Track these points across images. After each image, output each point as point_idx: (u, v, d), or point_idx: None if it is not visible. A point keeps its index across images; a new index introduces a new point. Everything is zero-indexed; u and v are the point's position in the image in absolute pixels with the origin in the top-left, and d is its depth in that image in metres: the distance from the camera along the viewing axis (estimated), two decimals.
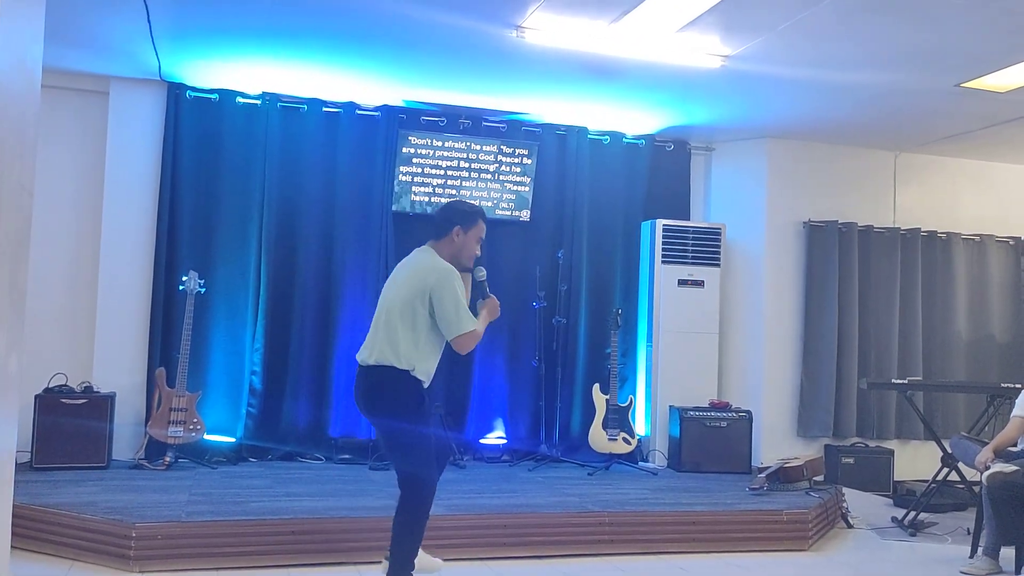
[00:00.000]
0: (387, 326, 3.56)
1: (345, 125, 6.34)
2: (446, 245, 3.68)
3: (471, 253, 3.71)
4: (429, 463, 3.57)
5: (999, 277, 7.51)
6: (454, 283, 3.54)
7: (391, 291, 3.66)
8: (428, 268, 3.59)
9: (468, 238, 3.69)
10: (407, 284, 3.59)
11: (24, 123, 1.88)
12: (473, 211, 3.75)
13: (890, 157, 7.37)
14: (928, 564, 4.71)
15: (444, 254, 3.66)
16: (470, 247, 3.70)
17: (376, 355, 3.56)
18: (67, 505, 4.34)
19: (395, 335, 3.53)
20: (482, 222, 3.75)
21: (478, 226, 3.72)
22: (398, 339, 3.53)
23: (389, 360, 3.52)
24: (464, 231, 3.68)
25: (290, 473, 5.61)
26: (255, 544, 4.16)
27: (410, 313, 3.53)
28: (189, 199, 6.08)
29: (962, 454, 5.02)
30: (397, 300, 3.58)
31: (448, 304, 3.50)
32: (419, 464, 3.54)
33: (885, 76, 5.48)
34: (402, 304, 3.56)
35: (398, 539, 3.54)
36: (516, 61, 5.39)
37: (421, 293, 3.53)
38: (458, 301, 3.52)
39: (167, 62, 5.71)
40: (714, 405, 6.50)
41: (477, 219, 3.72)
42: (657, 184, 7.03)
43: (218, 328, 6.11)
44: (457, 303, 3.52)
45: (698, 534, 4.78)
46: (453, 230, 3.68)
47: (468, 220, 3.69)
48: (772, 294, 7.03)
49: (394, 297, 3.61)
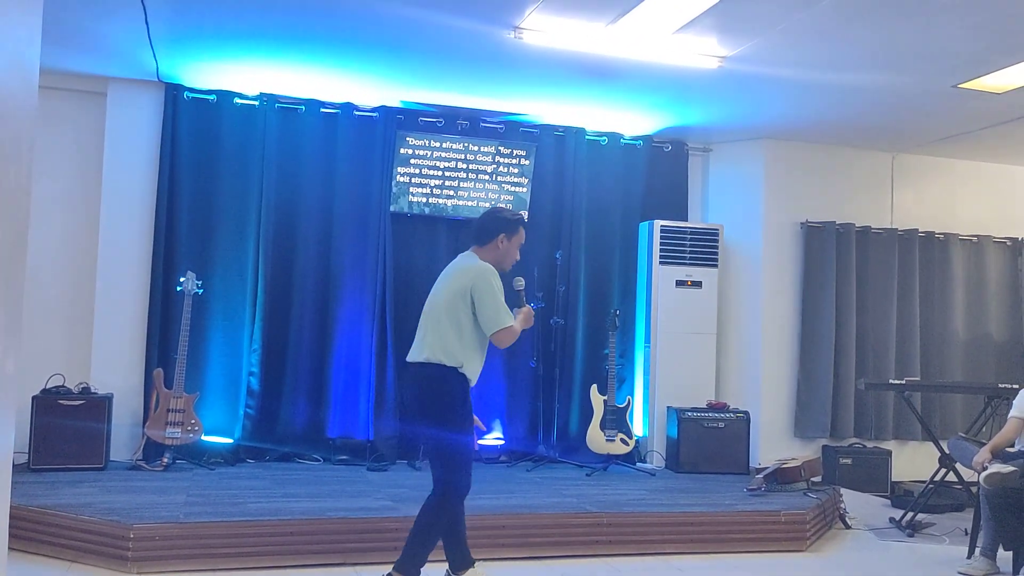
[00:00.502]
0: (435, 326, 3.68)
1: (343, 126, 6.34)
2: (490, 251, 3.80)
3: (513, 259, 3.86)
4: (465, 470, 3.64)
5: (996, 278, 7.52)
6: (492, 281, 3.66)
7: (437, 293, 3.78)
8: (468, 268, 3.72)
9: (511, 245, 3.83)
10: (451, 285, 3.71)
11: (21, 123, 1.88)
12: (516, 219, 3.87)
13: (887, 158, 7.38)
14: (926, 565, 4.71)
15: (487, 259, 3.78)
16: (512, 254, 3.84)
17: (426, 352, 3.66)
18: (65, 506, 4.33)
19: (443, 334, 3.64)
20: (523, 230, 3.88)
21: (520, 234, 3.85)
22: (446, 338, 3.63)
23: (438, 358, 3.62)
24: (508, 239, 3.81)
25: (288, 474, 5.61)
26: (253, 545, 4.16)
27: (455, 312, 3.64)
28: (187, 200, 6.08)
29: (960, 455, 5.02)
30: (443, 300, 3.70)
31: (487, 301, 3.62)
32: (455, 469, 3.62)
33: (882, 77, 5.49)
34: (447, 304, 3.67)
35: (414, 537, 3.59)
36: (514, 62, 5.40)
37: (463, 292, 3.64)
38: (496, 298, 3.64)
39: (165, 63, 5.71)
40: (712, 406, 6.51)
41: (519, 227, 3.86)
42: (655, 185, 7.03)
43: (216, 329, 6.10)
44: (496, 300, 3.63)
45: (696, 535, 4.78)
46: (498, 237, 3.80)
47: (512, 228, 3.82)
48: (770, 295, 7.03)
49: (440, 298, 3.73)
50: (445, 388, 3.62)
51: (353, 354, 6.29)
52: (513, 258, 3.85)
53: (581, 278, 6.79)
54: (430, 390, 3.66)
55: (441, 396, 3.63)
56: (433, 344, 3.64)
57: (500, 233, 3.79)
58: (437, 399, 3.64)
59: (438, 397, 3.64)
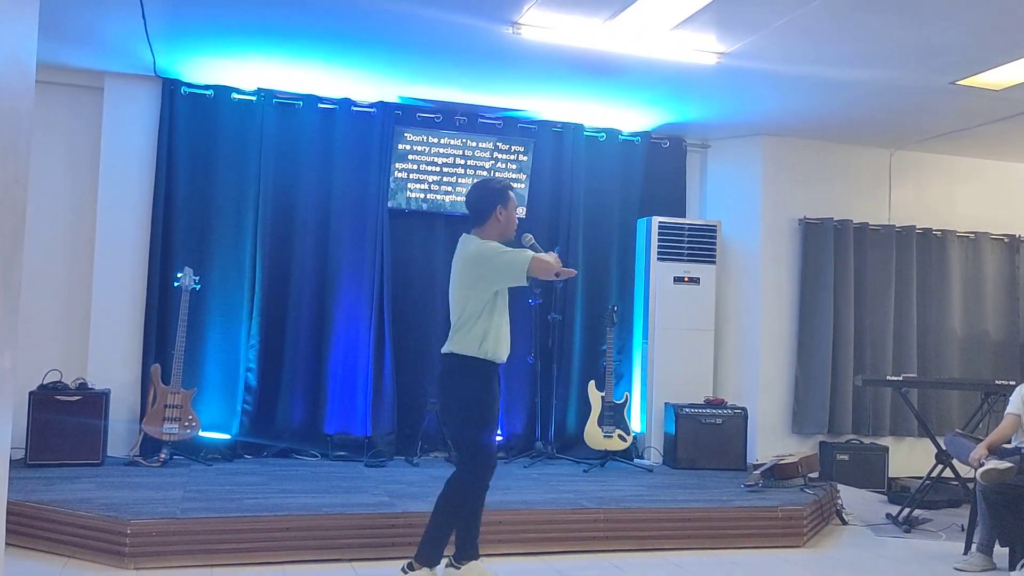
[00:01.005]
0: (454, 319, 3.77)
1: (341, 122, 6.33)
2: (492, 227, 3.82)
3: (514, 224, 3.87)
4: (483, 461, 3.69)
5: (994, 274, 7.53)
6: (492, 249, 3.72)
7: (452, 287, 3.84)
8: (471, 256, 3.76)
9: (509, 212, 3.85)
10: (460, 278, 3.78)
11: (18, 118, 1.88)
12: (504, 186, 3.90)
13: (885, 154, 7.38)
14: (922, 560, 4.72)
15: (492, 234, 3.81)
16: (513, 219, 3.88)
17: (448, 344, 3.77)
18: (62, 502, 4.33)
19: (457, 324, 3.74)
20: (512, 194, 3.90)
21: (512, 199, 3.88)
22: (460, 327, 3.72)
23: (453, 348, 3.72)
24: (505, 207, 3.83)
25: (285, 470, 5.61)
26: (250, 540, 4.15)
27: (465, 300, 3.72)
28: (184, 195, 6.07)
29: (956, 451, 5.03)
30: (456, 294, 3.79)
31: (497, 259, 3.70)
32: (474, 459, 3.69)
33: (880, 73, 5.49)
34: (459, 295, 3.76)
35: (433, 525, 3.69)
36: (512, 58, 5.39)
37: (471, 280, 3.72)
38: (504, 251, 3.71)
39: (162, 58, 5.69)
40: (709, 402, 6.51)
41: (508, 192, 3.88)
42: (653, 181, 7.03)
43: (213, 325, 6.10)
44: (504, 252, 3.70)
45: (693, 531, 4.79)
46: (495, 211, 3.82)
47: (504, 196, 3.85)
48: (767, 291, 7.03)
49: (454, 293, 3.81)
50: (462, 378, 3.72)
51: (351, 350, 6.29)
52: (515, 223, 3.87)
53: (579, 274, 6.79)
54: (449, 380, 3.78)
55: (460, 385, 3.73)
56: (452, 336, 3.75)
57: (496, 206, 3.81)
58: (457, 388, 3.74)
59: (457, 386, 3.74)
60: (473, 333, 3.69)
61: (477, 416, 3.69)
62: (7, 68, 1.76)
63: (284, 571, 4.04)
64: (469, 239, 3.83)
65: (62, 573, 3.88)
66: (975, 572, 4.49)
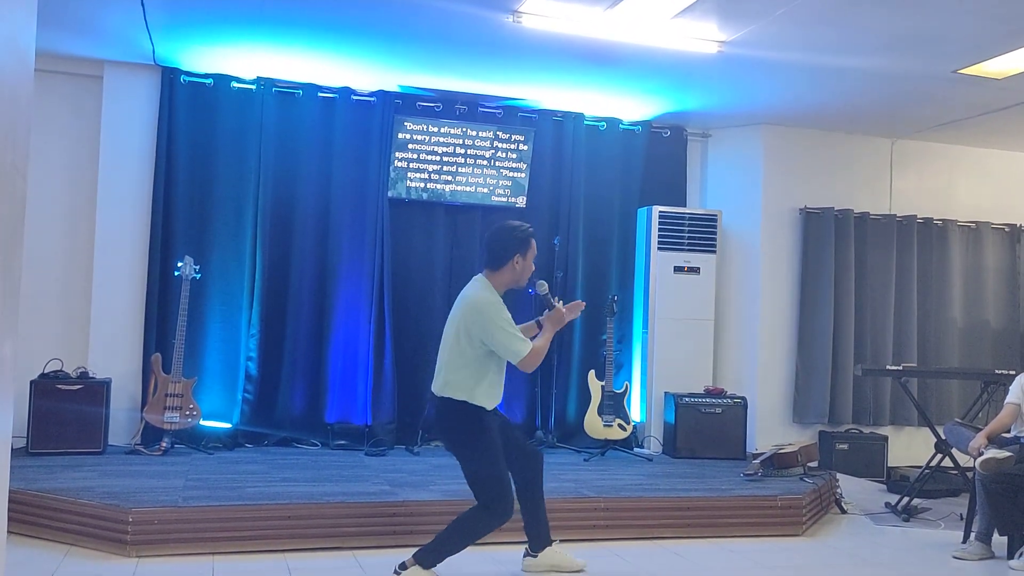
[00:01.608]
0: (446, 357, 3.75)
1: (340, 110, 6.32)
2: (505, 273, 3.78)
3: (528, 272, 3.82)
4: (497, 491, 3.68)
5: (994, 264, 7.53)
6: (494, 316, 3.66)
7: (449, 322, 3.82)
8: (471, 306, 3.70)
9: (527, 262, 3.80)
10: (456, 319, 3.75)
11: (17, 106, 1.87)
12: (527, 234, 3.83)
13: (887, 144, 7.37)
14: (921, 549, 4.74)
15: (504, 281, 3.78)
16: (529, 269, 3.82)
17: (439, 384, 3.76)
18: (64, 490, 4.35)
19: (450, 366, 3.71)
20: (534, 242, 3.83)
21: (532, 247, 3.83)
22: (453, 371, 3.70)
23: (448, 392, 3.70)
24: (523, 256, 3.79)
25: (286, 459, 5.62)
26: (251, 529, 4.17)
27: (458, 344, 3.70)
28: (184, 184, 6.07)
29: (956, 440, 5.04)
30: (450, 334, 3.76)
31: (499, 338, 3.65)
32: (487, 492, 3.69)
33: (882, 62, 5.47)
34: (453, 338, 3.74)
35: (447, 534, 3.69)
36: (513, 46, 5.37)
37: (467, 330, 3.68)
38: (504, 330, 3.65)
39: (161, 46, 5.68)
40: (709, 392, 6.52)
41: (531, 241, 3.82)
42: (653, 170, 7.02)
43: (214, 314, 6.10)
44: (504, 332, 3.65)
45: (693, 519, 4.80)
46: (513, 259, 3.77)
47: (525, 245, 3.80)
48: (768, 281, 7.03)
49: (448, 328, 3.79)
50: (456, 421, 3.72)
51: (351, 339, 6.30)
52: (530, 273, 3.83)
53: (579, 264, 6.79)
54: (445, 421, 3.78)
55: (455, 428, 3.75)
56: (444, 377, 3.72)
57: (515, 254, 3.77)
58: (452, 431, 3.79)
59: (452, 429, 3.78)
60: (464, 380, 3.68)
61: (479, 453, 3.70)
62: (6, 56, 1.76)
63: (285, 559, 4.06)
64: (479, 281, 3.79)
65: (64, 561, 3.89)
66: (974, 560, 4.51)
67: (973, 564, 4.48)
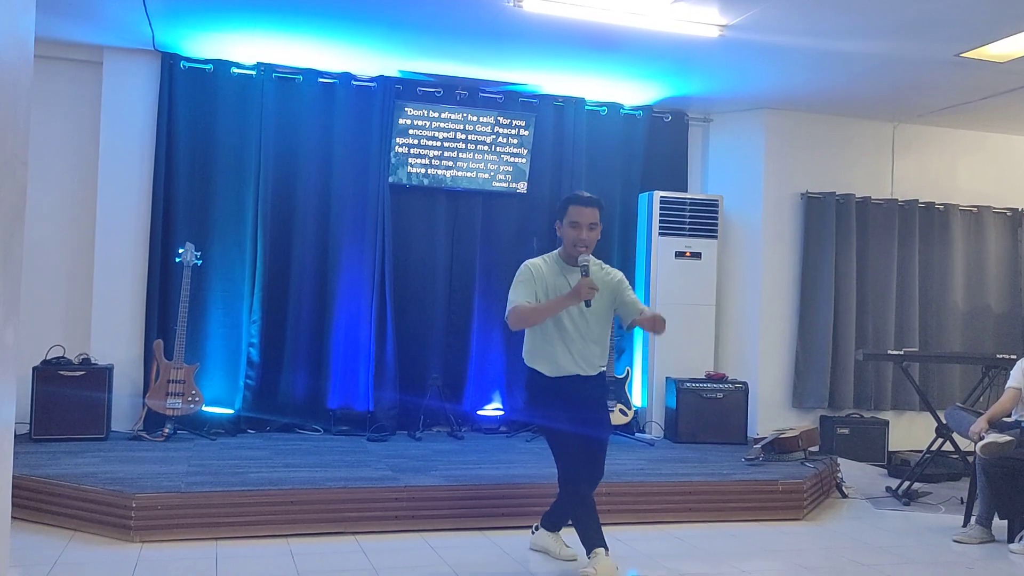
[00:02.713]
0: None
1: (341, 96, 6.30)
2: (561, 241, 3.88)
3: (571, 240, 3.79)
4: (564, 460, 3.77)
5: (996, 248, 7.52)
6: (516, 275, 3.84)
7: None
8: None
9: (565, 228, 3.82)
10: None
11: (17, 93, 1.87)
12: (565, 200, 3.90)
13: (888, 128, 7.35)
14: (921, 533, 4.76)
15: (564, 249, 3.86)
16: (569, 234, 3.81)
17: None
18: (67, 476, 4.37)
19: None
20: (573, 205, 3.81)
21: (567, 212, 3.81)
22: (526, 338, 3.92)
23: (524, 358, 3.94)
24: (561, 223, 3.84)
25: (288, 444, 5.64)
26: (254, 514, 4.19)
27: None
28: (185, 170, 6.06)
29: (957, 424, 5.05)
30: None
31: (509, 293, 3.82)
32: (557, 459, 3.79)
33: (885, 46, 5.45)
34: None
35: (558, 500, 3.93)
36: (513, 31, 5.35)
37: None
38: (514, 287, 3.80)
39: (161, 32, 5.66)
40: (710, 377, 6.53)
41: (565, 205, 3.85)
42: (655, 155, 7.01)
43: (215, 300, 6.11)
44: (513, 288, 3.80)
45: (694, 504, 4.82)
46: (556, 226, 3.90)
47: (562, 211, 3.85)
48: (769, 266, 7.03)
49: None
50: (526, 387, 3.94)
51: (353, 325, 6.30)
52: (571, 239, 3.78)
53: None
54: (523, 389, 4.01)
55: (525, 392, 3.98)
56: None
57: (556, 220, 3.90)
58: (524, 397, 4.04)
59: (524, 395, 4.03)
60: (526, 344, 3.92)
61: (544, 430, 3.91)
62: (5, 42, 1.75)
63: (288, 544, 4.08)
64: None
65: (68, 546, 3.91)
66: (974, 544, 4.53)
67: (973, 548, 4.49)
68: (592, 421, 3.82)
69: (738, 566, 4.06)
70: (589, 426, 3.79)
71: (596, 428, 3.84)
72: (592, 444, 3.82)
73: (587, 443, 3.79)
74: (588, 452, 3.80)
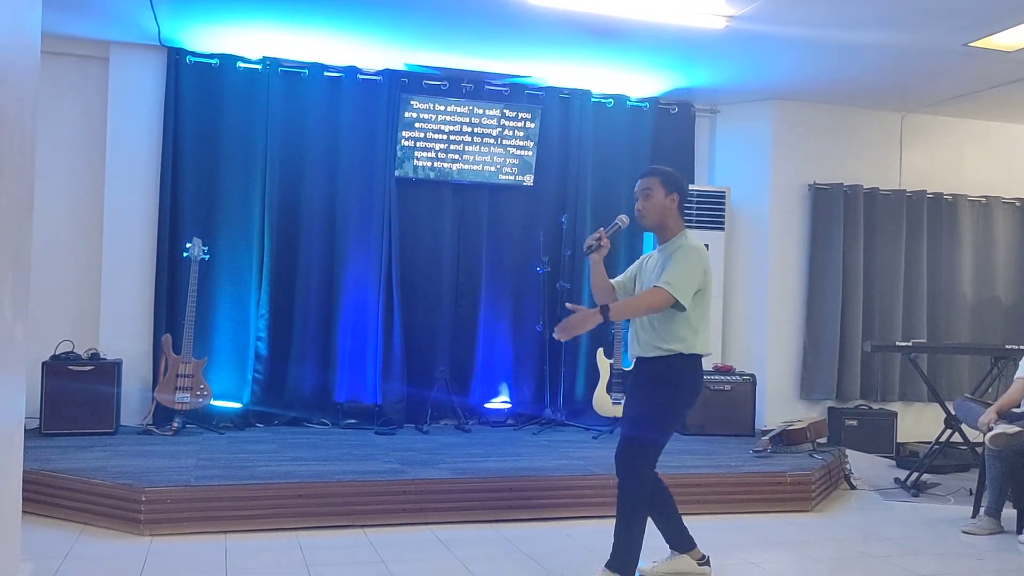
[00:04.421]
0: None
1: (347, 90, 6.29)
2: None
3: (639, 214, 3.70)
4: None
5: (1005, 239, 7.49)
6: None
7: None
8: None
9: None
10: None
11: (24, 89, 1.87)
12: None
13: (896, 118, 7.31)
14: (930, 524, 4.75)
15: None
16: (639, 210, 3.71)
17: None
18: (77, 470, 4.39)
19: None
20: (639, 181, 3.67)
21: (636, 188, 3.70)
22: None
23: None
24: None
25: (296, 438, 5.66)
26: (263, 507, 4.20)
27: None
28: (191, 165, 6.06)
29: (965, 415, 5.03)
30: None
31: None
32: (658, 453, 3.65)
33: (892, 35, 5.42)
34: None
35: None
36: (519, 23, 5.34)
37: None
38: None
39: (167, 27, 5.66)
40: (718, 369, 6.52)
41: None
42: (661, 147, 6.98)
43: (223, 295, 6.12)
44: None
45: (702, 496, 4.82)
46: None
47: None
48: (776, 257, 7.01)
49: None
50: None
51: (360, 319, 6.31)
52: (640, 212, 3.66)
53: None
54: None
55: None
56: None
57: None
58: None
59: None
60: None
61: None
62: (12, 38, 1.75)
63: (297, 537, 4.09)
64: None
65: (78, 540, 3.93)
66: (983, 535, 4.52)
67: (982, 539, 4.48)
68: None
69: (746, 558, 4.06)
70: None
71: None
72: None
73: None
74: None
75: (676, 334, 3.49)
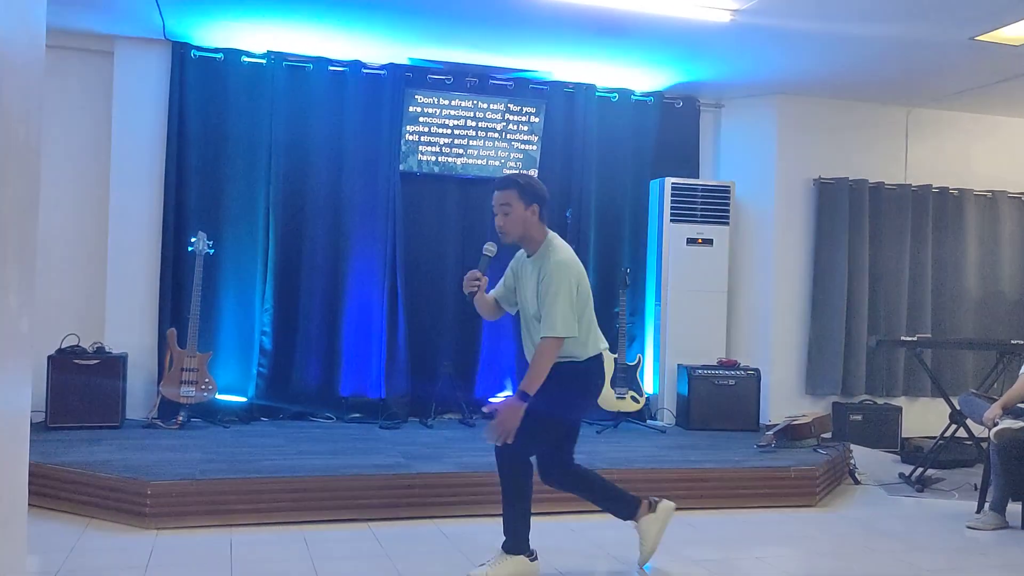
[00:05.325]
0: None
1: (351, 84, 6.29)
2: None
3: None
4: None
5: (1010, 233, 7.46)
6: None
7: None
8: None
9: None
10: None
11: (29, 83, 1.87)
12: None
13: (902, 113, 7.29)
14: (935, 519, 4.75)
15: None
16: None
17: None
18: (83, 464, 4.40)
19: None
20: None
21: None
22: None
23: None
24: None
25: (301, 432, 5.67)
26: (268, 501, 4.22)
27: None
28: (196, 160, 6.07)
29: (970, 411, 5.03)
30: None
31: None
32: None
33: (899, 29, 5.40)
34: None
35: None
36: (523, 17, 5.33)
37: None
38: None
39: (171, 21, 5.66)
40: (722, 363, 6.51)
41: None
42: (666, 142, 6.97)
43: (228, 289, 6.13)
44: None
45: (707, 491, 4.82)
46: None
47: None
48: (781, 252, 7.00)
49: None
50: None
51: (364, 313, 6.32)
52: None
53: (591, 236, 6.77)
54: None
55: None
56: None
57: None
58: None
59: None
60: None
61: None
62: (17, 32, 1.76)
63: (302, 531, 4.10)
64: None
65: (84, 533, 3.95)
66: (988, 531, 4.51)
67: (987, 534, 4.48)
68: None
69: (750, 552, 4.06)
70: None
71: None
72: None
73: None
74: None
75: (565, 352, 3.52)
